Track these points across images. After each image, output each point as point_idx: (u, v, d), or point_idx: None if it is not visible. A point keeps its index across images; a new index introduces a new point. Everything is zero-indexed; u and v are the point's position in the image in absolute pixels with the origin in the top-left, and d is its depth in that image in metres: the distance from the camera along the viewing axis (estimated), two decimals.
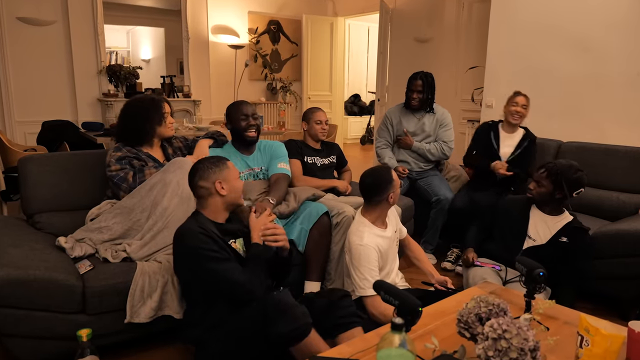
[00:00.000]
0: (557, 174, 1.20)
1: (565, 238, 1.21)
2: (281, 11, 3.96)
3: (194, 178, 0.95)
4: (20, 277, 0.92)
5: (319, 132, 1.56)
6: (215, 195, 0.94)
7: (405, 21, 3.25)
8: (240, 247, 0.97)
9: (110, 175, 1.17)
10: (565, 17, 1.92)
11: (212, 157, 0.99)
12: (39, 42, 2.84)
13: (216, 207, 0.95)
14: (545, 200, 1.24)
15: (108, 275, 1.02)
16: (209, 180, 0.93)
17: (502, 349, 0.57)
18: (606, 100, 1.84)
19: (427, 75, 1.75)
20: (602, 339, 0.64)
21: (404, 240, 1.21)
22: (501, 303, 0.67)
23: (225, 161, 0.97)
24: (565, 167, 1.22)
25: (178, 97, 3.41)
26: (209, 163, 0.96)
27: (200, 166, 0.95)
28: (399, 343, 0.52)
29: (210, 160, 0.97)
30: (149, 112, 1.22)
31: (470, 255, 1.27)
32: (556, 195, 1.21)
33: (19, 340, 0.95)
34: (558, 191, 1.20)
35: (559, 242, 1.21)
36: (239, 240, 0.98)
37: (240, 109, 1.33)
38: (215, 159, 0.97)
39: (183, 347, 1.09)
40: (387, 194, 1.06)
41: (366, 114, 5.13)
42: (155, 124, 1.23)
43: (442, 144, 1.78)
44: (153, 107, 1.22)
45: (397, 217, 1.22)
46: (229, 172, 0.95)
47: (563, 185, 1.19)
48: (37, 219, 1.23)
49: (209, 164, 0.95)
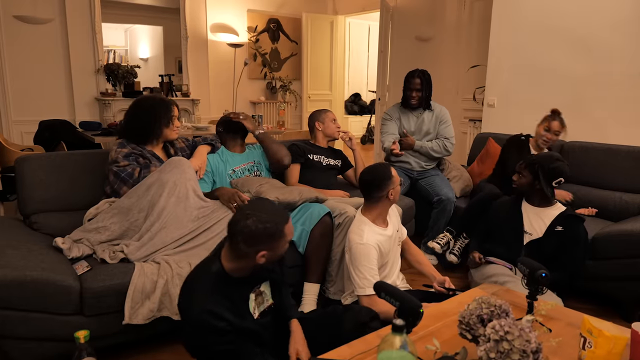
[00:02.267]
0: (534, 164, 1.22)
1: (560, 227, 1.22)
2: (281, 9, 3.94)
3: (236, 235, 0.73)
4: (17, 278, 0.91)
5: (335, 130, 1.58)
6: (251, 260, 0.75)
7: (406, 19, 3.24)
8: (265, 289, 0.84)
9: (118, 170, 1.15)
10: (568, 15, 1.91)
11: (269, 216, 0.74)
12: (36, 41, 2.83)
13: (245, 267, 0.76)
14: (529, 192, 1.25)
15: (106, 276, 1.02)
16: (253, 248, 0.73)
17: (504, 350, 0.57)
18: (609, 100, 1.83)
19: (424, 73, 1.74)
20: (605, 340, 0.64)
21: (403, 242, 1.21)
22: (503, 304, 0.67)
23: (284, 227, 0.74)
24: (542, 157, 1.24)
25: (177, 97, 3.40)
26: (264, 227, 0.72)
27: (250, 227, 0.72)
28: (399, 345, 0.52)
29: (267, 223, 0.72)
30: (159, 112, 1.22)
31: (476, 255, 1.27)
32: (536, 186, 1.22)
33: (15, 342, 0.94)
34: (537, 181, 1.22)
35: (555, 232, 1.22)
36: (265, 284, 0.83)
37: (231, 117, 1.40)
38: (273, 220, 0.73)
39: (182, 349, 1.08)
40: (386, 190, 1.05)
41: (367, 113, 5.12)
42: (163, 125, 1.23)
43: (444, 140, 1.76)
44: (163, 108, 1.23)
45: (398, 217, 1.21)
46: (282, 242, 0.75)
47: (539, 174, 1.20)
48: (34, 219, 1.23)
49: (263, 229, 0.72)
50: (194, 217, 1.13)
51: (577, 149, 1.71)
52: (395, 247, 1.14)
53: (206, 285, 0.75)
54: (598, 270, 1.31)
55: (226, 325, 0.74)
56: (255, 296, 0.83)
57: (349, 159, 1.66)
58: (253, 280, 0.82)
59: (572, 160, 1.61)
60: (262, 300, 0.85)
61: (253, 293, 0.83)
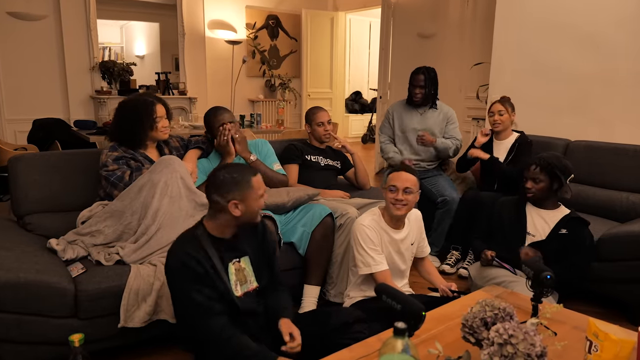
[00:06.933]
0: (549, 164, 1.23)
1: (564, 230, 1.22)
2: (280, 5, 3.91)
3: (210, 187, 0.82)
4: (10, 280, 0.90)
5: (322, 135, 1.54)
6: (227, 212, 0.81)
7: (408, 16, 3.20)
8: (246, 266, 0.87)
9: (107, 175, 1.14)
10: (573, 12, 1.88)
11: (238, 168, 0.84)
12: (29, 38, 2.80)
13: (225, 224, 0.83)
14: (546, 196, 1.24)
15: (101, 278, 1.00)
16: (224, 197, 0.80)
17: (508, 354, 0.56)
18: (615, 98, 1.80)
19: (430, 70, 1.73)
20: (612, 344, 0.63)
21: (421, 259, 1.18)
22: (507, 307, 0.66)
23: (250, 177, 0.82)
24: (552, 157, 1.26)
25: (173, 94, 3.38)
26: (231, 176, 0.81)
27: (219, 176, 0.81)
28: (401, 348, 0.51)
29: (232, 172, 0.82)
30: (141, 116, 1.18)
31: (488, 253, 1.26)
32: (554, 187, 1.23)
33: (9, 345, 0.93)
34: (555, 182, 1.22)
35: (559, 235, 1.21)
36: (244, 259, 0.88)
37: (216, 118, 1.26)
38: (239, 170, 0.83)
39: (180, 353, 1.07)
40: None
41: (368, 112, 5.08)
42: (147, 129, 1.19)
43: (455, 141, 1.76)
44: (145, 111, 1.17)
45: (422, 231, 1.17)
46: (250, 192, 0.81)
47: (557, 174, 1.21)
48: (27, 220, 1.21)
49: (230, 177, 0.81)
50: (190, 214, 1.11)
51: (582, 149, 1.69)
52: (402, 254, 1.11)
53: (190, 240, 0.82)
54: (604, 272, 1.29)
55: (204, 274, 0.79)
56: (236, 271, 0.86)
57: (349, 160, 1.64)
58: (233, 247, 0.86)
59: (577, 160, 1.58)
60: (245, 279, 0.87)
61: (232, 265, 0.86)
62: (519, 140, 1.64)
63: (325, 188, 1.48)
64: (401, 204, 1.03)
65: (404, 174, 1.05)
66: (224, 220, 0.83)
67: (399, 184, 1.04)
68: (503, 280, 1.16)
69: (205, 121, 1.33)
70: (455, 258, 1.67)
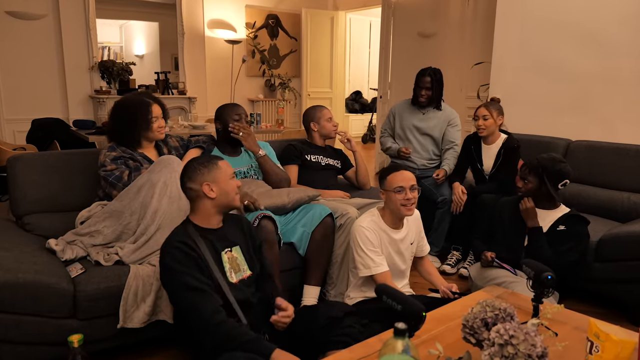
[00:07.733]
0: (538, 167, 1.21)
1: (563, 226, 1.21)
2: (280, 5, 3.90)
3: (183, 179, 0.90)
4: (9, 280, 0.89)
5: (332, 130, 1.54)
6: (204, 198, 0.88)
7: (408, 15, 3.19)
8: (238, 255, 0.91)
9: (105, 175, 1.14)
10: (574, 10, 1.87)
11: (203, 157, 0.94)
12: (28, 37, 2.79)
13: (207, 211, 0.89)
14: (536, 196, 1.24)
15: (100, 278, 1.00)
16: (196, 182, 0.87)
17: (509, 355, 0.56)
18: (617, 97, 1.79)
19: (436, 72, 1.72)
20: (613, 344, 0.62)
21: (420, 259, 1.18)
22: (508, 307, 0.66)
23: (216, 160, 0.91)
24: (546, 160, 1.23)
25: (173, 94, 3.37)
26: (197, 163, 0.90)
27: (188, 166, 0.90)
28: (401, 349, 0.51)
29: (199, 160, 0.91)
30: (135, 117, 1.18)
31: (488, 254, 1.26)
32: (543, 189, 1.22)
33: (8, 346, 0.93)
34: (543, 185, 1.21)
35: (556, 231, 1.21)
36: (236, 248, 0.92)
37: (234, 109, 1.33)
38: (206, 158, 0.92)
39: (178, 353, 1.07)
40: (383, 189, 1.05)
41: (368, 112, 5.08)
42: (142, 130, 1.19)
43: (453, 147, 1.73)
44: (139, 112, 1.18)
45: (421, 230, 1.17)
46: (219, 173, 0.88)
47: (544, 178, 1.19)
48: (26, 220, 1.21)
49: (197, 164, 0.89)
50: None
51: (584, 148, 1.68)
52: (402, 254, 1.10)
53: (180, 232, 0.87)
54: (605, 273, 1.29)
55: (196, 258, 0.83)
56: (229, 259, 0.89)
57: (350, 159, 1.63)
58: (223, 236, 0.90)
59: (578, 160, 1.58)
60: (238, 267, 0.90)
61: (225, 254, 0.89)
62: (505, 144, 1.59)
63: (325, 188, 1.48)
64: (410, 203, 1.02)
65: (403, 172, 1.04)
66: (204, 208, 0.88)
67: (404, 184, 1.01)
68: (504, 281, 1.16)
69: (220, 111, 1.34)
70: (455, 258, 1.67)
